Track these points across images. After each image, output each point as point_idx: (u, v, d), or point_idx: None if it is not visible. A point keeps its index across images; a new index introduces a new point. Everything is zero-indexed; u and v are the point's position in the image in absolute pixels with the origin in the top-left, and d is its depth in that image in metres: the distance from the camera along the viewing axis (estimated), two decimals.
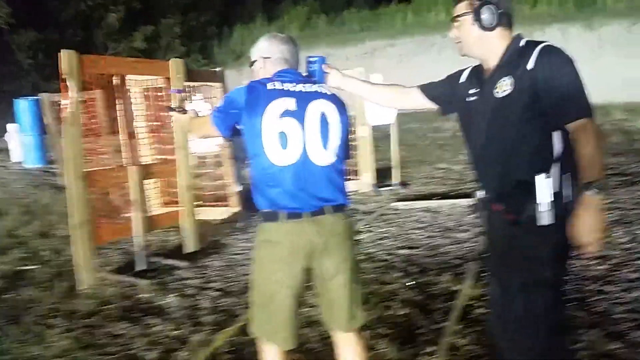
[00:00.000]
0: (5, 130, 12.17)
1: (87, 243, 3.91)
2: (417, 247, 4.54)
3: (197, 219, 4.89)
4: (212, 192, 6.08)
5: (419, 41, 26.70)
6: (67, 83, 3.73)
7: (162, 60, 6.64)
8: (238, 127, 2.03)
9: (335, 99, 2.04)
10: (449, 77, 2.09)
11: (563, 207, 1.70)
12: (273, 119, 1.90)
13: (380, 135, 7.37)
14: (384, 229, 5.14)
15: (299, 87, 1.99)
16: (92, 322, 3.32)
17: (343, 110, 2.04)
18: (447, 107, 2.12)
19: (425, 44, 26.45)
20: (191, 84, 5.40)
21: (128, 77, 4.89)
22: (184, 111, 2.46)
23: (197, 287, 3.90)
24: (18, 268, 4.43)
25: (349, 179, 7.02)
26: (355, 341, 2.10)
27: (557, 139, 1.74)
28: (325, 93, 2.03)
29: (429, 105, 2.15)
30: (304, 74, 2.15)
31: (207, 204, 5.91)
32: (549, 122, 1.73)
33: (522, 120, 1.74)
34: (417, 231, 5.03)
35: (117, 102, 4.87)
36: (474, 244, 4.51)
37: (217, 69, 5.80)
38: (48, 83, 18.58)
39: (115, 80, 4.74)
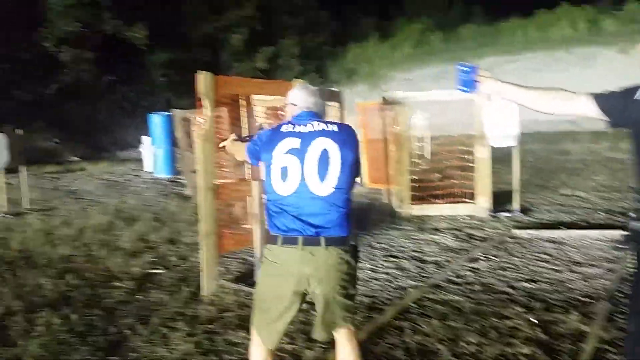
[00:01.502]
0: (141, 142, 13.39)
1: (212, 252, 4.14)
2: (540, 281, 4.23)
3: None
4: None
5: (542, 57, 25.36)
6: (203, 102, 4.00)
7: (285, 80, 6.92)
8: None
9: (338, 136, 2.23)
10: (625, 90, 1.91)
11: None
12: (279, 155, 2.22)
13: (498, 156, 7.02)
14: (503, 259, 4.86)
15: (308, 128, 2.25)
16: (212, 329, 3.48)
17: (346, 145, 2.22)
18: (617, 120, 1.94)
19: (549, 59, 25.04)
20: None
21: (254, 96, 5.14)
22: (245, 139, 2.86)
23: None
24: (147, 271, 4.79)
25: (465, 202, 6.78)
26: (346, 341, 2.32)
27: None
28: (331, 131, 2.24)
29: (595, 115, 1.97)
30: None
31: None
32: None
33: None
34: (540, 263, 4.70)
35: (242, 119, 5.12)
36: (606, 282, 4.12)
37: (337, 90, 5.91)
38: (179, 100, 20.23)
39: (242, 99, 5.00)
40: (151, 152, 12.49)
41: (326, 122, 2.30)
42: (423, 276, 4.45)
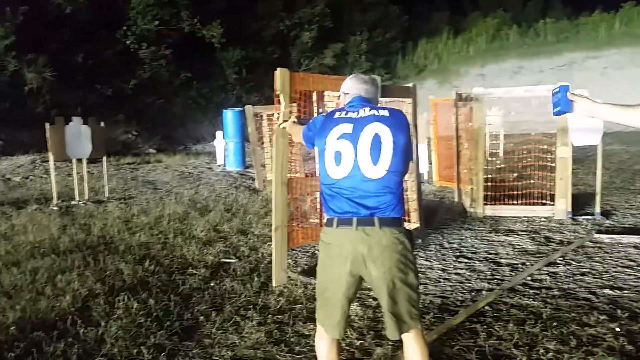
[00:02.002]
0: (214, 137, 13.83)
1: (283, 244, 4.20)
2: (625, 289, 3.97)
3: None
4: None
5: (628, 53, 23.87)
6: (280, 97, 4.05)
7: None
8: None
9: (390, 121, 2.26)
10: None
11: None
12: (333, 140, 2.27)
13: (576, 157, 6.64)
14: (584, 264, 4.60)
15: (360, 113, 2.30)
16: (282, 319, 3.52)
17: (398, 129, 2.25)
18: None
19: (635, 56, 23.49)
20: (383, 99, 5.49)
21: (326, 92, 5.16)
22: (304, 122, 2.90)
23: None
24: (221, 260, 4.92)
25: (543, 203, 6.48)
26: (414, 340, 2.28)
27: None
28: (383, 115, 2.28)
29: None
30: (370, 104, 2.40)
31: None
32: None
33: None
34: (624, 270, 4.41)
35: (314, 114, 5.16)
36: None
37: (409, 85, 5.81)
38: (249, 96, 20.71)
39: (315, 95, 5.04)
40: (223, 146, 12.87)
41: (377, 108, 2.35)
42: (497, 279, 4.29)
